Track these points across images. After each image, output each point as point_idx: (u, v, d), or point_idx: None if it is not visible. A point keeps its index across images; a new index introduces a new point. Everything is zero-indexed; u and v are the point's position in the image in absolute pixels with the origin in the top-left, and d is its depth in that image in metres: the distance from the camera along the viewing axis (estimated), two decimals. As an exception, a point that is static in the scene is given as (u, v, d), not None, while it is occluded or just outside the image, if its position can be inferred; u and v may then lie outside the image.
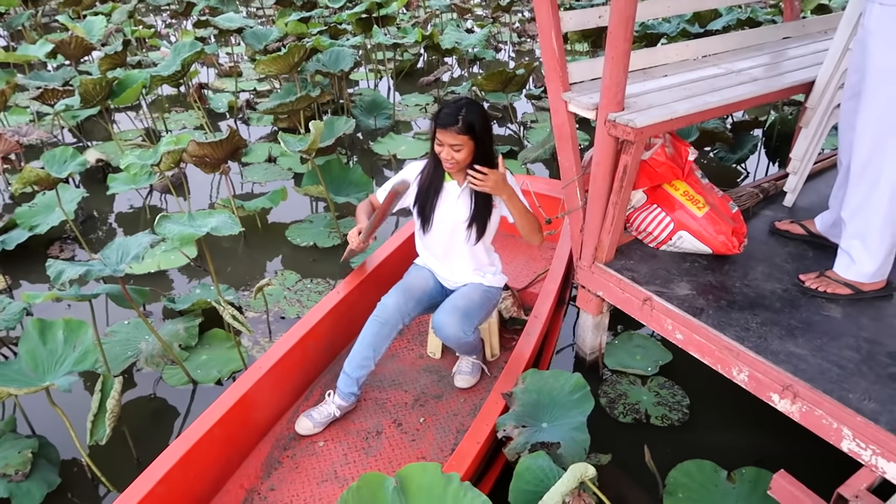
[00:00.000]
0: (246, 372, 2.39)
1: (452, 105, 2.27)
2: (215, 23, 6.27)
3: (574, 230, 2.71)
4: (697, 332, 2.27)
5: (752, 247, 2.68)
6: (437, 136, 2.27)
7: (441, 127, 2.24)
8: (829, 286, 2.38)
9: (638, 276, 2.56)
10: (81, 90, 4.20)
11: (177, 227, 2.73)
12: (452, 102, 2.28)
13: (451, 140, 2.24)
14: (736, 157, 4.34)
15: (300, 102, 4.41)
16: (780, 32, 3.26)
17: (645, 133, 2.24)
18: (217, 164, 4.03)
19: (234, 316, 2.59)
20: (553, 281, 2.91)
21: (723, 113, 2.51)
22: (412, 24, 7.55)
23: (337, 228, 3.98)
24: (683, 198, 2.58)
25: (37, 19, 7.81)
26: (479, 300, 2.51)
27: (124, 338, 3.14)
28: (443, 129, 2.24)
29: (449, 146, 2.26)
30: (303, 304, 3.40)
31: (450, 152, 2.27)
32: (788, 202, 3.07)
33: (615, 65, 2.18)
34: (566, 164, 2.61)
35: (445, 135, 2.24)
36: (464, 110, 2.24)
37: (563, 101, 2.47)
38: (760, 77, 2.68)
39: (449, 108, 2.25)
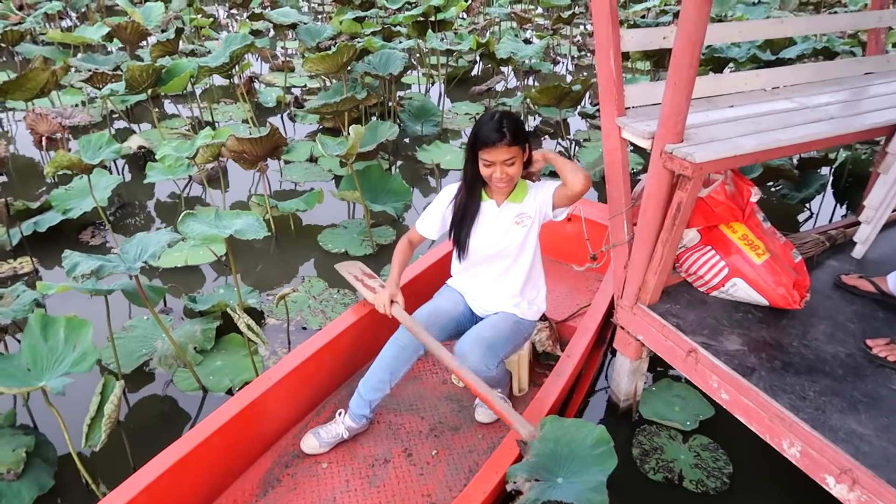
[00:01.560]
0: (256, 380, 2.28)
1: (489, 121, 2.11)
2: (269, 17, 6.23)
3: (617, 266, 2.50)
4: (746, 395, 2.05)
5: (815, 301, 2.43)
6: (484, 156, 2.11)
7: (488, 146, 2.08)
8: None
9: (684, 323, 2.34)
10: (128, 76, 4.17)
11: (200, 226, 2.62)
12: (488, 119, 2.12)
13: (504, 155, 2.10)
14: (801, 195, 4.04)
15: (345, 104, 4.29)
16: (863, 67, 2.99)
17: (704, 169, 2.03)
18: (255, 161, 3.94)
19: (249, 326, 2.46)
20: (593, 318, 2.70)
21: (794, 152, 2.27)
22: (469, 31, 7.40)
23: (370, 237, 3.84)
24: (741, 242, 2.35)
25: (99, 2, 7.93)
26: (507, 332, 2.33)
27: (141, 334, 3.05)
28: (491, 148, 2.08)
29: (501, 164, 2.11)
30: (326, 316, 3.26)
31: (503, 169, 2.12)
32: (858, 254, 2.80)
33: (677, 92, 1.97)
34: (615, 193, 2.40)
35: (495, 152, 2.09)
36: (504, 121, 2.09)
37: (616, 127, 2.27)
38: (837, 115, 2.43)
39: (487, 125, 2.09)
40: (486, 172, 2.14)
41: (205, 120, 5.75)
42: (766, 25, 2.66)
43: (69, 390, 2.30)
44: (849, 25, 2.95)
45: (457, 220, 2.29)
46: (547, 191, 2.26)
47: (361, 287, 2.61)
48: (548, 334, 2.82)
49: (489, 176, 2.14)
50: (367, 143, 3.95)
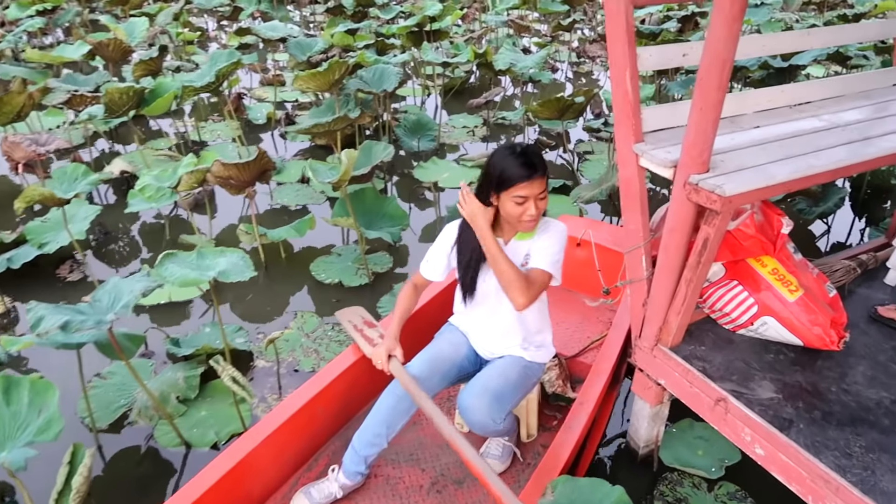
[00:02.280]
0: (241, 437, 2.08)
1: (514, 156, 1.91)
2: (257, 31, 6.02)
3: (635, 303, 2.28)
4: (784, 452, 1.84)
5: (851, 336, 2.22)
6: (520, 192, 1.90)
7: (525, 180, 1.88)
8: None
9: (710, 367, 2.13)
10: (106, 99, 3.95)
11: (180, 269, 2.41)
12: (509, 154, 1.92)
13: (538, 188, 1.92)
14: (819, 210, 3.83)
15: (337, 123, 4.08)
16: (890, 78, 2.78)
17: (734, 202, 1.81)
18: (243, 187, 3.73)
19: (235, 378, 2.25)
20: (607, 358, 2.48)
21: (830, 178, 2.06)
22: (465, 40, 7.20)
23: (365, 265, 3.62)
24: (772, 277, 2.14)
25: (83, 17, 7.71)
26: (515, 379, 2.12)
27: (121, 381, 2.83)
28: (527, 182, 1.89)
29: (535, 197, 1.92)
30: (320, 356, 3.04)
31: (537, 204, 1.93)
32: (892, 280, 2.59)
33: (703, 117, 1.76)
34: (632, 225, 2.19)
35: (532, 186, 1.90)
36: (531, 154, 1.93)
37: (633, 154, 2.06)
38: (872, 134, 2.21)
39: (514, 160, 1.90)
40: (517, 211, 1.92)
41: (191, 140, 5.53)
42: (790, 38, 2.46)
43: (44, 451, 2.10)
44: (876, 35, 2.75)
45: (464, 261, 2.09)
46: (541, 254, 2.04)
47: (359, 338, 2.40)
48: (557, 373, 2.60)
49: (520, 214, 1.93)
50: (361, 166, 3.74)
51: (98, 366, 2.92)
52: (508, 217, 1.97)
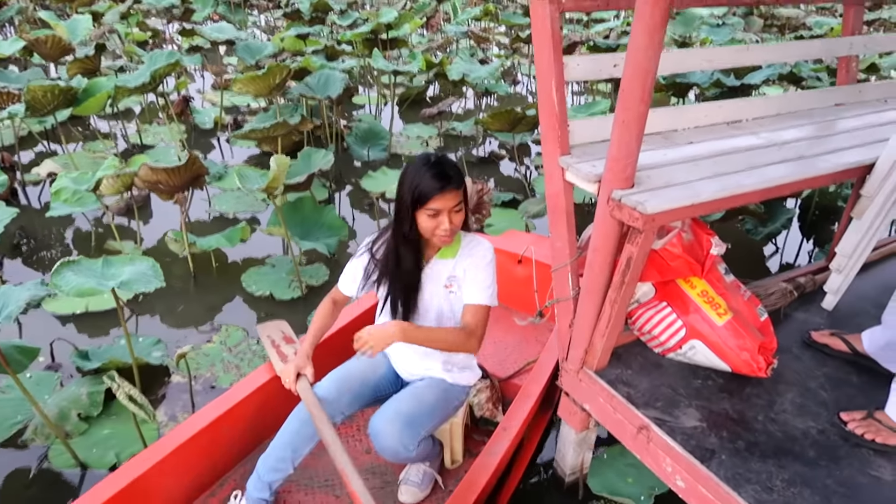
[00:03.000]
0: (137, 456, 1.92)
1: (427, 168, 1.79)
2: (202, 33, 5.84)
3: (562, 324, 2.18)
4: (705, 484, 1.74)
5: (782, 362, 2.15)
6: (431, 206, 1.77)
7: (436, 193, 1.76)
8: (880, 433, 1.84)
9: (635, 393, 2.03)
10: (28, 97, 3.74)
11: (78, 278, 2.24)
12: (423, 165, 1.80)
13: (452, 201, 1.80)
14: (766, 231, 3.79)
15: (276, 129, 3.93)
16: (832, 97, 2.74)
17: (657, 220, 1.72)
18: (173, 192, 3.56)
19: (131, 397, 2.08)
20: (536, 381, 2.37)
21: (760, 198, 1.98)
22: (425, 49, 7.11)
23: (298, 277, 3.46)
24: (700, 299, 2.05)
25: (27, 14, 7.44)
26: (432, 403, 1.99)
27: (19, 396, 2.63)
28: (439, 195, 1.76)
29: (450, 211, 1.80)
30: (241, 372, 2.88)
31: (451, 218, 1.81)
32: (829, 304, 2.53)
33: (626, 131, 1.67)
34: (558, 243, 2.09)
35: (443, 199, 1.78)
36: (444, 164, 1.81)
37: (559, 167, 1.96)
38: (807, 154, 2.15)
39: (426, 172, 1.78)
40: (430, 225, 1.80)
41: (133, 142, 5.32)
42: (732, 53, 2.39)
43: None
44: (818, 53, 2.70)
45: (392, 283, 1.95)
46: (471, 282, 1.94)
47: (274, 354, 2.26)
48: (488, 395, 2.48)
49: (433, 229, 1.81)
50: (299, 173, 3.59)
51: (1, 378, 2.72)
52: (423, 232, 1.85)
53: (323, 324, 2.14)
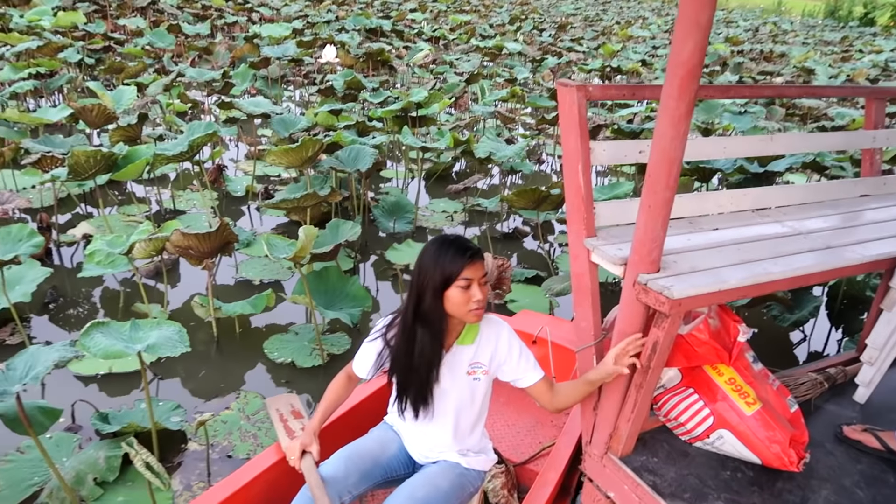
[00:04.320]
0: None
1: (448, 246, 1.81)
2: (240, 106, 6.08)
3: (585, 408, 2.15)
4: (735, 585, 1.66)
5: (815, 457, 2.09)
6: (465, 274, 1.77)
7: (469, 262, 1.78)
8: None
9: (661, 482, 1.98)
10: (71, 161, 3.90)
11: (106, 340, 2.27)
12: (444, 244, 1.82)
13: (481, 271, 1.82)
14: (793, 318, 3.75)
15: (306, 200, 4.03)
16: (858, 189, 2.75)
17: (684, 305, 1.72)
18: (203, 258, 3.63)
19: (149, 465, 2.06)
20: (554, 468, 2.30)
21: (787, 287, 1.97)
22: (452, 127, 7.32)
23: (320, 346, 3.47)
24: (728, 387, 2.01)
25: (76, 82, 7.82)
26: (447, 489, 1.92)
27: (38, 457, 2.63)
28: (472, 263, 1.78)
29: (478, 280, 1.81)
30: (258, 441, 2.85)
31: (481, 289, 1.81)
32: (861, 397, 2.47)
33: (652, 216, 1.69)
34: (583, 323, 2.08)
35: (475, 268, 1.79)
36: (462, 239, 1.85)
37: (584, 249, 1.98)
38: (834, 244, 2.15)
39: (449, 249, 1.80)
40: (463, 299, 1.78)
41: (167, 208, 5.47)
42: (754, 143, 2.43)
43: None
44: (841, 145, 2.74)
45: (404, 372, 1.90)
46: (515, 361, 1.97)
47: (281, 429, 2.22)
48: (503, 481, 2.40)
49: (466, 302, 1.78)
50: (326, 243, 3.65)
51: (19, 438, 2.72)
52: (456, 310, 1.82)
53: (335, 398, 2.10)
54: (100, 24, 11.29)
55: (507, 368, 1.98)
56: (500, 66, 13.36)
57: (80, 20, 10.39)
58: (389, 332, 1.96)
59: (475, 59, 13.43)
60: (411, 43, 14.96)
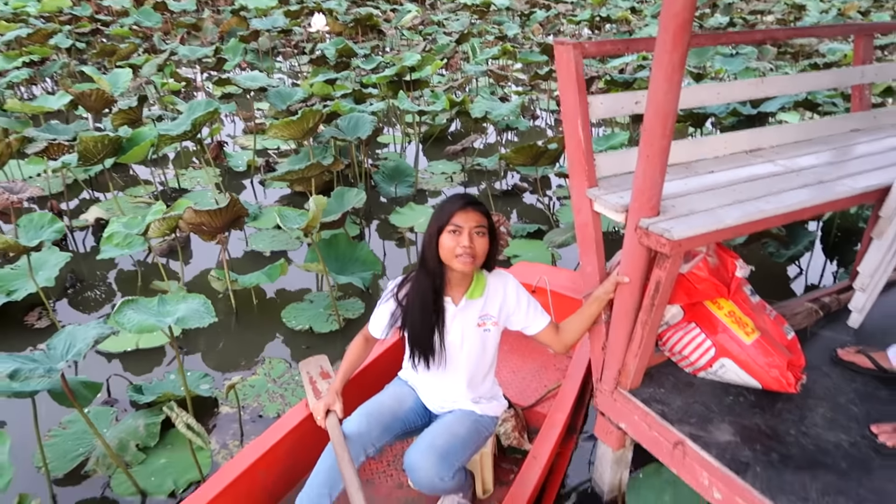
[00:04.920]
0: None
1: (457, 195, 1.96)
2: (237, 82, 6.12)
3: (595, 347, 2.28)
4: (742, 496, 1.82)
5: (811, 379, 2.23)
6: (454, 221, 1.89)
7: (459, 209, 1.89)
8: None
9: (669, 410, 2.12)
10: (80, 148, 3.98)
11: (138, 315, 2.39)
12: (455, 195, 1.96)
13: (474, 221, 1.90)
14: (789, 253, 3.87)
15: (310, 171, 4.12)
16: (848, 124, 2.85)
17: (683, 246, 1.84)
18: (215, 233, 3.74)
19: (189, 426, 2.21)
20: (561, 409, 2.44)
21: (781, 222, 2.09)
22: (446, 89, 7.35)
23: (336, 311, 3.60)
24: (728, 319, 2.14)
25: (70, 68, 7.83)
26: (465, 435, 2.06)
27: (81, 429, 2.78)
28: (462, 211, 1.89)
29: (470, 230, 1.89)
30: (286, 401, 3.01)
31: (471, 237, 1.89)
32: (854, 322, 2.60)
33: (650, 164, 1.79)
34: (588, 269, 2.21)
35: (466, 216, 1.89)
36: (470, 196, 1.96)
37: (587, 199, 2.09)
38: (825, 178, 2.26)
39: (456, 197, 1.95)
40: (451, 243, 1.89)
41: (171, 187, 5.56)
42: (745, 86, 2.52)
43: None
44: (831, 83, 2.82)
45: (414, 323, 2.02)
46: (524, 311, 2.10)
47: (310, 390, 2.33)
48: (513, 424, 2.55)
49: (453, 248, 1.89)
50: (333, 212, 3.76)
51: (61, 414, 2.87)
52: (445, 256, 1.93)
53: (355, 359, 2.22)
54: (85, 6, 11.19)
55: (516, 318, 2.11)
56: (489, 23, 13.26)
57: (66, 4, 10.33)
58: (401, 292, 2.08)
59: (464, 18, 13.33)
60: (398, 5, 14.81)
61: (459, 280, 2.02)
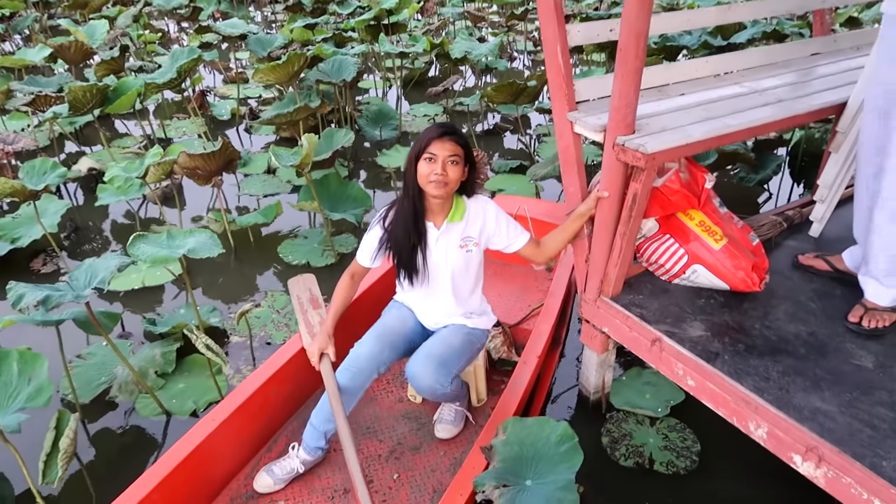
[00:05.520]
0: (197, 423, 2.15)
1: (439, 123, 2.09)
2: (217, 29, 6.12)
3: (578, 261, 2.49)
4: (711, 380, 2.05)
5: (775, 282, 2.45)
6: (429, 149, 2.01)
7: (435, 138, 2.01)
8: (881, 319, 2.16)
9: (647, 313, 2.34)
10: (70, 98, 4.05)
11: (151, 248, 2.55)
12: (437, 123, 2.10)
13: (449, 150, 2.01)
14: (758, 177, 4.09)
15: (298, 113, 4.23)
16: (809, 48, 3.02)
17: (657, 159, 2.02)
18: (209, 177, 3.86)
19: (209, 346, 2.40)
20: (546, 321, 2.67)
21: (744, 137, 2.28)
22: (423, 32, 7.38)
23: (331, 246, 3.78)
24: (699, 228, 2.35)
25: (42, 22, 7.72)
26: (459, 346, 2.26)
27: (101, 360, 2.96)
28: (438, 140, 2.01)
29: (444, 158, 2.01)
30: (290, 329, 3.20)
31: (444, 166, 2.01)
32: (815, 232, 2.83)
33: (625, 83, 1.96)
34: (571, 189, 2.39)
35: (441, 145, 2.00)
36: (449, 124, 2.09)
37: (568, 122, 2.26)
38: (786, 97, 2.45)
39: (436, 125, 2.07)
40: (426, 171, 2.02)
41: (157, 137, 5.63)
42: (714, 13, 2.66)
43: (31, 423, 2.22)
44: (794, 8, 2.98)
45: (399, 244, 2.17)
46: (504, 231, 2.25)
47: (302, 322, 2.44)
48: (502, 340, 2.78)
49: (427, 175, 2.02)
50: (322, 152, 3.89)
51: (77, 349, 3.04)
52: (421, 182, 2.04)
53: (343, 298, 2.32)
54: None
55: (497, 239, 2.28)
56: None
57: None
58: (387, 218, 2.22)
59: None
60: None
61: (440, 206, 2.17)
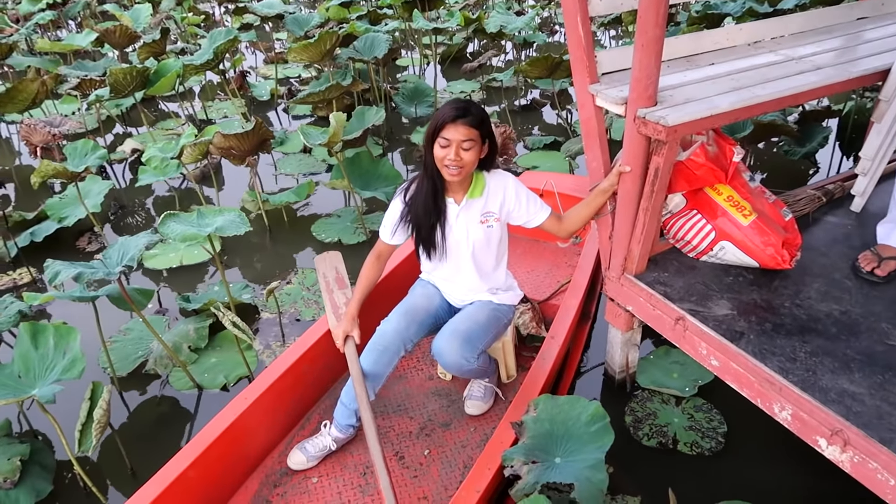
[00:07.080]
0: (232, 401, 2.19)
1: (455, 102, 2.03)
2: (254, 9, 6.18)
3: (602, 237, 2.44)
4: (735, 360, 1.99)
5: (810, 258, 2.36)
6: (443, 134, 1.98)
7: (449, 122, 1.97)
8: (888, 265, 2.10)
9: (671, 291, 2.28)
10: (111, 80, 4.16)
11: (181, 226, 2.61)
12: (450, 101, 2.05)
13: (462, 135, 1.97)
14: (804, 150, 3.91)
15: (330, 92, 4.25)
16: (855, 12, 2.86)
17: (679, 132, 1.96)
18: (244, 156, 3.92)
19: (235, 323, 2.45)
20: (574, 296, 2.63)
21: (776, 108, 2.18)
22: (462, 8, 7.29)
23: (363, 224, 3.81)
24: (727, 203, 2.27)
25: (92, 7, 7.94)
26: (484, 321, 2.25)
27: (138, 336, 3.07)
28: (452, 124, 1.97)
29: (458, 144, 1.98)
30: (320, 306, 3.25)
31: (458, 151, 1.98)
32: (857, 207, 2.71)
33: (645, 53, 1.89)
34: (594, 164, 2.34)
35: (455, 129, 1.97)
36: (467, 103, 2.03)
37: (589, 95, 2.20)
38: (825, 64, 2.33)
39: (448, 106, 2.02)
40: (440, 155, 2.00)
41: (199, 119, 5.74)
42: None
43: (69, 395, 2.32)
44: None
45: (423, 221, 2.16)
46: (524, 206, 2.21)
47: (328, 302, 2.46)
48: (531, 316, 2.75)
49: (442, 158, 2.00)
50: (353, 130, 3.90)
51: (118, 324, 3.16)
52: (438, 164, 2.03)
53: (369, 279, 2.31)
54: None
55: (517, 214, 2.23)
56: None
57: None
58: (407, 193, 2.20)
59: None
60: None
61: (460, 183, 2.14)
